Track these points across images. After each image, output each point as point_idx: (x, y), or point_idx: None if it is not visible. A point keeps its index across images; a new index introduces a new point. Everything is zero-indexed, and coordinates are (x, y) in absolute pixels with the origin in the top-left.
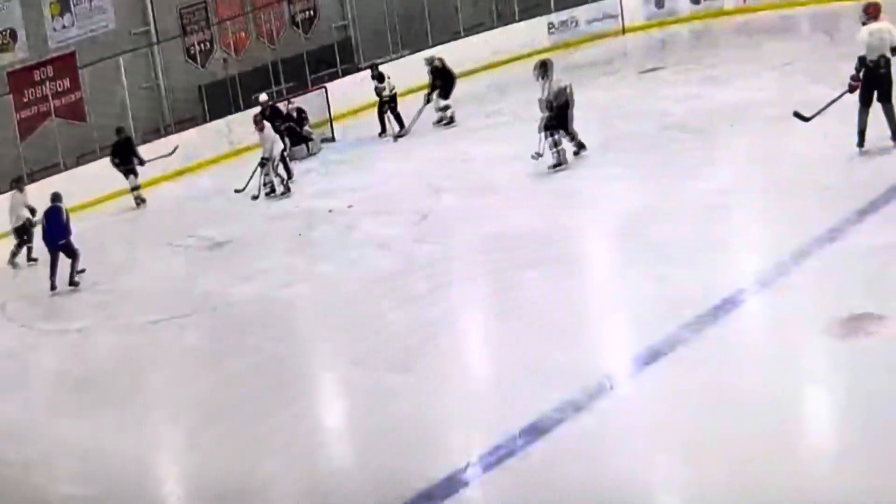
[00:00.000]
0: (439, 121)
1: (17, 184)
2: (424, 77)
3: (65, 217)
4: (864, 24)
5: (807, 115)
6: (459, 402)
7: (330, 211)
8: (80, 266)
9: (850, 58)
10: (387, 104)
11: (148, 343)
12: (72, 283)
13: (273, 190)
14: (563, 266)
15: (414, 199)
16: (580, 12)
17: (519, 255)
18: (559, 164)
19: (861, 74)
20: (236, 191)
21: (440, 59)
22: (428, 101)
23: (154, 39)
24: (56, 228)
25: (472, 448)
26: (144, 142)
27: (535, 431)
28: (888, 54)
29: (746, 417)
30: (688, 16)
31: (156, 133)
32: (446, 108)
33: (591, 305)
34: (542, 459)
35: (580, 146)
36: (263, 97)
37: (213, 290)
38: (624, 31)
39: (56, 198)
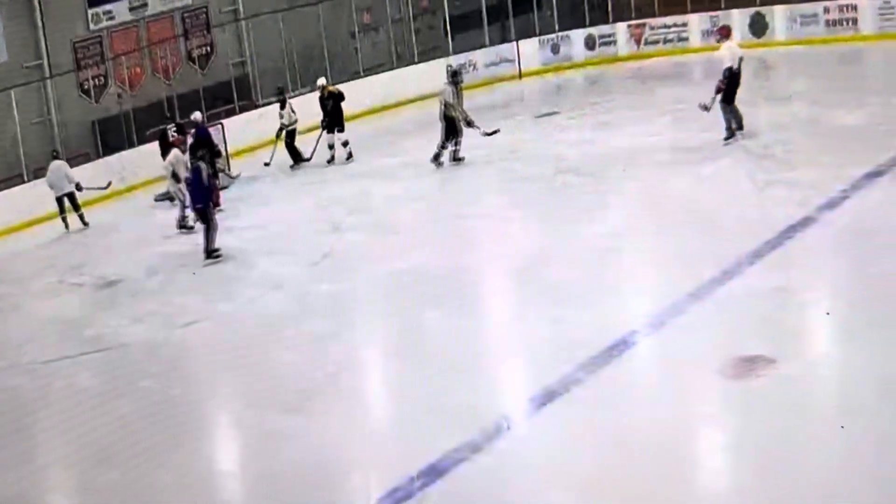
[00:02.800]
0: (332, 159)
1: None
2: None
3: None
4: (718, 41)
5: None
6: (357, 444)
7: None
8: None
9: (741, 102)
10: (284, 132)
11: (38, 384)
12: None
13: (185, 227)
14: (462, 306)
15: (314, 237)
16: (478, 56)
17: (419, 295)
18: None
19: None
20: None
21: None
22: (326, 128)
23: (47, 73)
24: None
25: (370, 490)
26: (36, 177)
27: (434, 472)
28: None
29: (640, 457)
30: (583, 61)
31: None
32: (346, 143)
33: (489, 346)
34: (440, 500)
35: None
36: (197, 115)
37: (106, 329)
38: (521, 75)
39: None
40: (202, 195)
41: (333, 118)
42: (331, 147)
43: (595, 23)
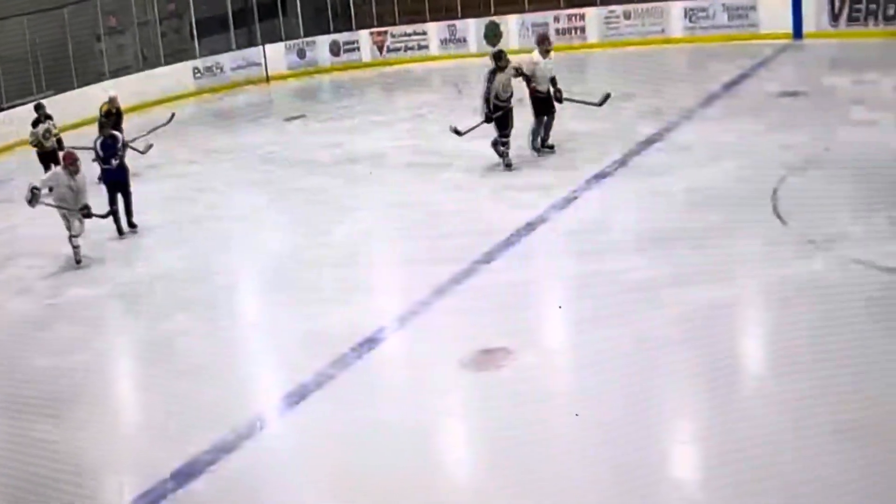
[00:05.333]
0: None
1: None
2: (69, 120)
3: None
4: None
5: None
6: (110, 448)
7: None
8: None
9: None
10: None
11: None
12: None
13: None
14: (213, 308)
15: (61, 242)
16: (224, 59)
17: (170, 296)
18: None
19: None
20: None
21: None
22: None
23: None
24: None
25: (123, 493)
26: None
27: (187, 473)
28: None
29: (389, 450)
30: (328, 67)
31: None
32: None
33: (241, 346)
34: (194, 501)
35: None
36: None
37: None
38: (268, 79)
39: None
40: None
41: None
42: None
43: (339, 29)
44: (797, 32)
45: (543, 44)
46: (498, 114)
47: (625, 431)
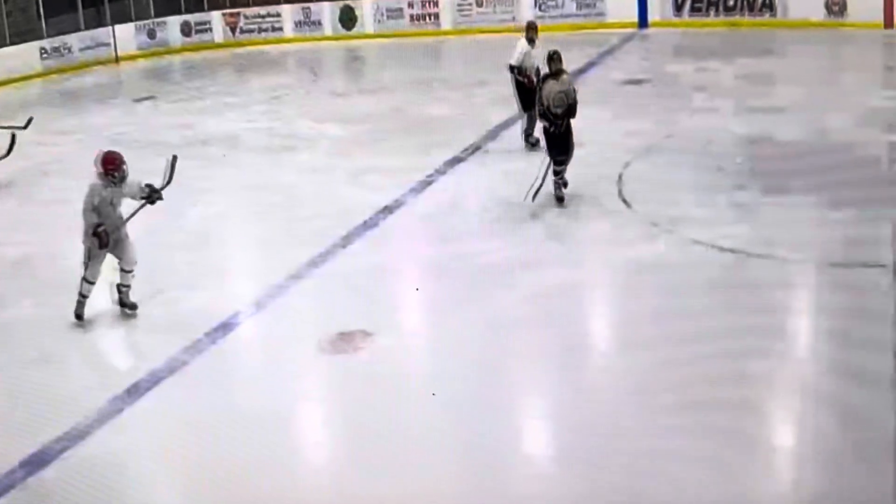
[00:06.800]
0: None
1: None
2: None
3: None
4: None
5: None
6: None
7: None
8: None
9: (335, 95)
10: None
11: None
12: None
13: None
14: (62, 293)
15: None
16: (73, 39)
17: (15, 282)
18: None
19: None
20: None
21: None
22: None
23: None
24: None
25: None
26: None
27: (38, 462)
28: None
29: (245, 435)
30: (179, 47)
31: None
32: None
33: (91, 332)
34: (46, 490)
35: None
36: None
37: None
38: (118, 59)
39: None
40: None
41: None
42: None
43: (190, 10)
44: (643, 22)
45: (530, 31)
46: (552, 129)
47: (480, 410)
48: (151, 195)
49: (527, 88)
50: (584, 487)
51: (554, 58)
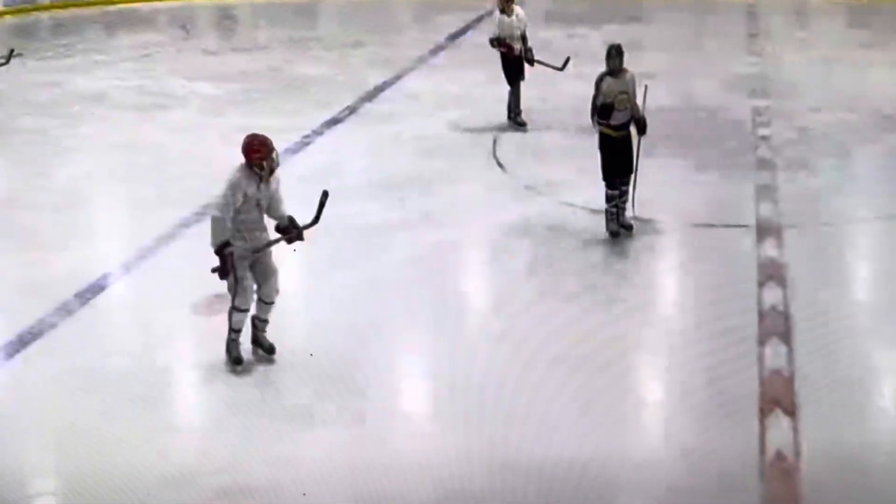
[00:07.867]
0: None
1: None
2: None
3: None
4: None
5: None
6: None
7: None
8: None
9: (207, 53)
10: None
11: None
12: None
13: None
14: None
15: None
16: None
17: None
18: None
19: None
20: None
21: None
22: None
23: None
24: None
25: None
26: None
27: None
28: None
29: (117, 399)
30: (47, 4)
31: None
32: None
33: None
34: None
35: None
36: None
37: None
38: None
39: None
40: None
41: None
42: None
43: None
44: None
45: (501, 1)
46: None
47: (358, 369)
48: (291, 231)
49: (510, 59)
50: (462, 443)
51: (612, 53)
